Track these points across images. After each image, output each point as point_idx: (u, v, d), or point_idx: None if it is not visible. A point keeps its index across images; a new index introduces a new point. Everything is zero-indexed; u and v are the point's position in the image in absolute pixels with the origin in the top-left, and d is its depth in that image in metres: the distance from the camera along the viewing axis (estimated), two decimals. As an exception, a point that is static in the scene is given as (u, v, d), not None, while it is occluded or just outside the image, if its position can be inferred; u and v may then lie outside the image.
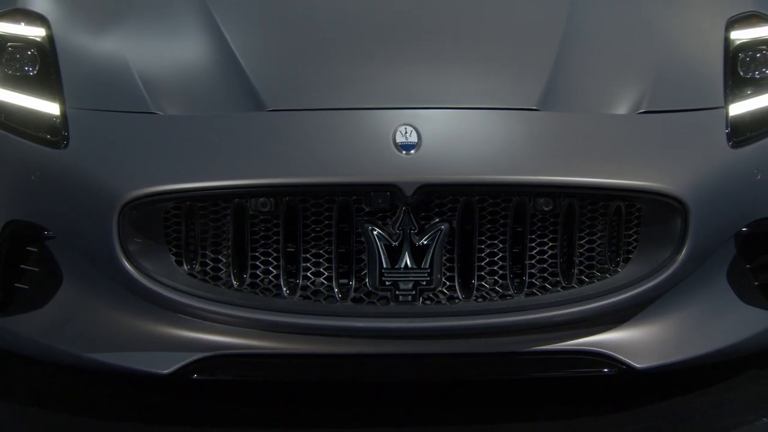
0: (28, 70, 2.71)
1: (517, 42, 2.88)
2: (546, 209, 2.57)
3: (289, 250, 2.55)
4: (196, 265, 2.57)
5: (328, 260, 2.56)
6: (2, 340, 2.69)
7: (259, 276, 2.57)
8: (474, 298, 2.57)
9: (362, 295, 2.56)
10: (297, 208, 2.53)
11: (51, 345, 2.64)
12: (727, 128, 2.68)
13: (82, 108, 2.64)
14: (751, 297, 2.74)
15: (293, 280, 2.56)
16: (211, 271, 2.57)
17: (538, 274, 2.59)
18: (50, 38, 2.76)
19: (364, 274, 2.55)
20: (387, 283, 2.54)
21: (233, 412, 2.72)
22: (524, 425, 2.67)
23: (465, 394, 2.80)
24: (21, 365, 2.87)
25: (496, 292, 2.58)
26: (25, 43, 2.75)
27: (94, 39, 2.81)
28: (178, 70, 2.74)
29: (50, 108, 2.65)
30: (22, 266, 2.65)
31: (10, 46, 2.74)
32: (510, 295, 2.58)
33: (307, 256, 2.56)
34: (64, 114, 2.63)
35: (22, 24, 2.79)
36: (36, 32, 2.77)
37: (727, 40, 2.84)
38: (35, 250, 2.64)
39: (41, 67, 2.71)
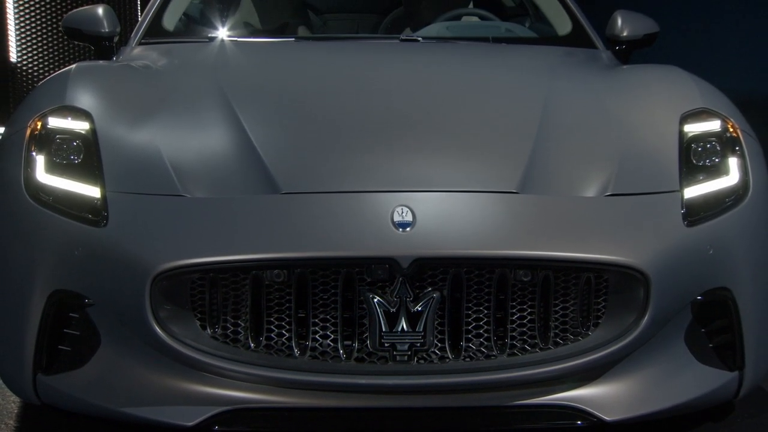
0: (74, 158, 2.75)
1: (499, 134, 2.92)
2: (525, 280, 2.59)
3: (299, 315, 2.57)
4: (218, 328, 2.58)
5: (334, 324, 2.57)
6: (46, 396, 2.68)
7: (274, 338, 2.58)
8: (462, 357, 2.58)
9: (364, 355, 2.57)
10: (307, 279, 2.55)
11: (89, 400, 2.64)
12: (682, 209, 2.71)
13: (120, 191, 2.67)
14: (706, 357, 2.74)
15: (303, 342, 2.58)
16: (231, 334, 2.58)
17: (518, 337, 2.60)
18: (93, 131, 2.79)
19: (366, 336, 2.57)
20: (386, 344, 2.56)
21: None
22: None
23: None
24: (63, 418, 2.87)
25: (482, 352, 2.59)
26: (72, 135, 2.78)
27: (131, 131, 2.84)
28: (204, 158, 2.77)
29: (92, 192, 2.68)
30: (64, 330, 2.65)
31: (58, 138, 2.77)
32: (494, 355, 2.59)
33: (316, 320, 2.58)
34: (104, 197, 2.66)
35: (69, 119, 2.82)
36: (81, 126, 2.80)
37: (681, 133, 2.87)
38: (77, 316, 2.64)
39: (85, 156, 2.75)
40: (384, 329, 2.56)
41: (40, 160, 2.74)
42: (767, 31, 7.56)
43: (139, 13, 8.99)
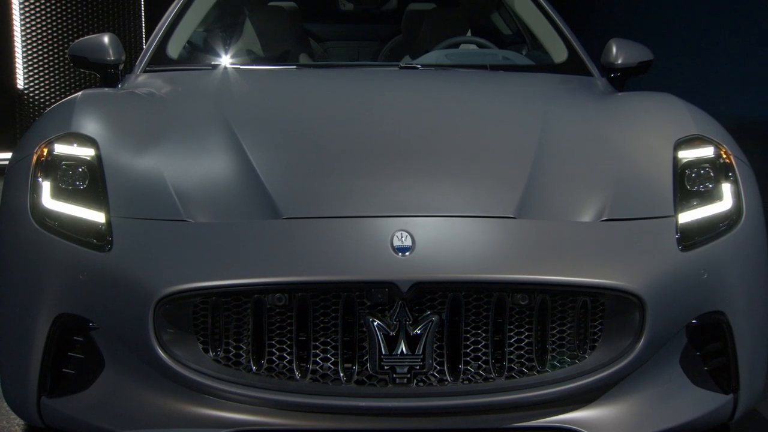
0: (79, 184, 2.76)
1: (496, 160, 2.93)
2: (522, 303, 2.59)
3: (300, 338, 2.57)
4: (220, 352, 2.58)
5: (335, 348, 2.58)
6: (50, 419, 2.68)
7: (275, 361, 2.58)
8: (461, 380, 2.58)
9: (364, 378, 2.57)
10: (308, 303, 2.56)
11: (92, 423, 2.64)
12: (677, 234, 2.72)
13: (124, 217, 2.68)
14: (701, 380, 2.75)
15: (304, 365, 2.58)
16: (233, 357, 2.58)
17: (516, 360, 2.60)
18: (98, 157, 2.80)
19: (366, 359, 2.57)
20: (385, 367, 2.56)
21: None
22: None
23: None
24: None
25: (480, 375, 2.59)
26: (77, 161, 2.79)
27: (135, 157, 2.86)
28: (207, 184, 2.78)
29: (97, 217, 2.69)
30: (69, 354, 2.66)
31: (64, 164, 2.78)
32: (492, 378, 2.59)
33: (317, 344, 2.58)
34: (109, 222, 2.67)
35: (75, 145, 2.83)
36: (86, 152, 2.82)
37: (675, 159, 2.89)
38: (81, 339, 2.64)
39: (90, 182, 2.76)
40: (384, 352, 2.56)
41: (46, 186, 2.75)
42: (758, 58, 7.61)
43: (144, 41, 9.04)
